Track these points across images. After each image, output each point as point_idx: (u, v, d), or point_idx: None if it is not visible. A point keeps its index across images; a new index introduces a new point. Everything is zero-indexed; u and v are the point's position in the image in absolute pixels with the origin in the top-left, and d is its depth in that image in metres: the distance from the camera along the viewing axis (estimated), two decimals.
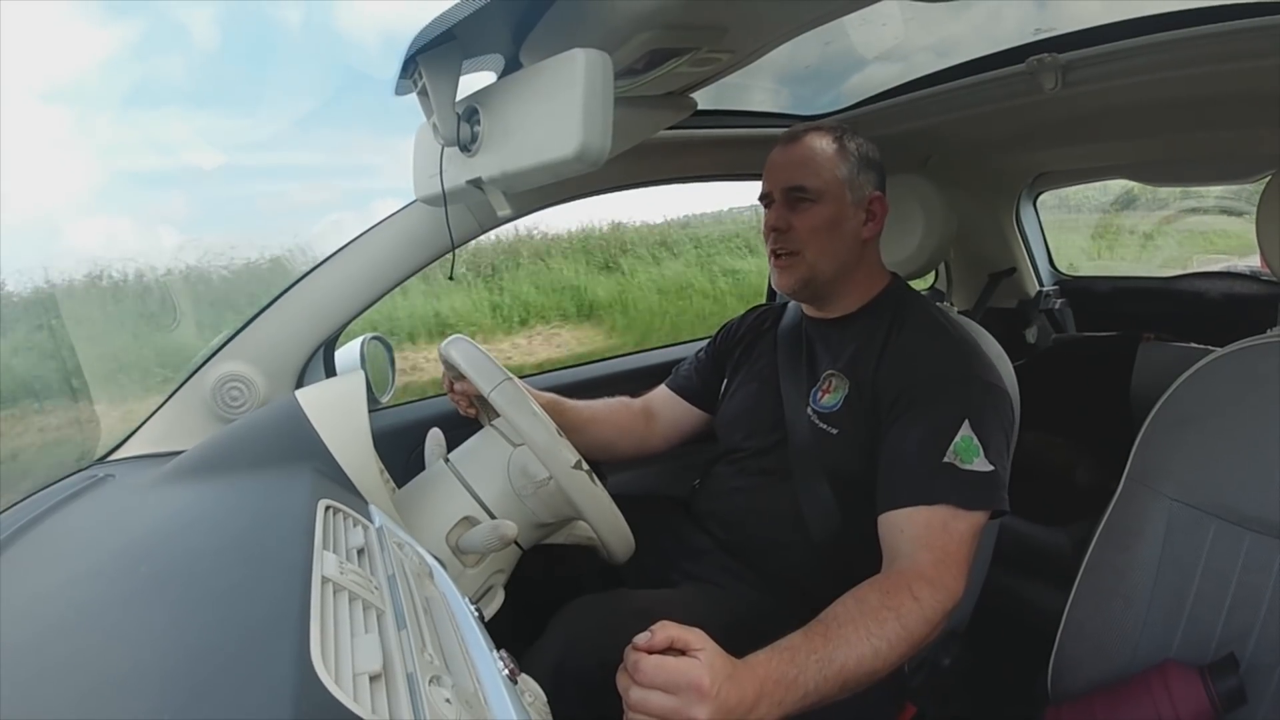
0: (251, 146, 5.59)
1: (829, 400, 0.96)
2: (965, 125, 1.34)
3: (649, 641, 0.63)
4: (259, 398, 1.01)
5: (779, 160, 0.99)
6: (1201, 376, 0.84)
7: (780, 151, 1.00)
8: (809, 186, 0.96)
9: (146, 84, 4.69)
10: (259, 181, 5.82)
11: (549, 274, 5.81)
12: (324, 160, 6.77)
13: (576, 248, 6.09)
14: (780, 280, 1.00)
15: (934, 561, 0.77)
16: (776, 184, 0.98)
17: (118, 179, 3.54)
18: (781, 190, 0.98)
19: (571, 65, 0.60)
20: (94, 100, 3.60)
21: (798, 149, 0.98)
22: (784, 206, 0.98)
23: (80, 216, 3.13)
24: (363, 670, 0.36)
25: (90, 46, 3.61)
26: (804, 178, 0.96)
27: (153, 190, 4.35)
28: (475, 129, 0.74)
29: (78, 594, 0.46)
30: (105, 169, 3.31)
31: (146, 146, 3.81)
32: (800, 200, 0.96)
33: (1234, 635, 0.76)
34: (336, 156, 6.83)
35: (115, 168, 3.50)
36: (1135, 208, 3.18)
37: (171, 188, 4.25)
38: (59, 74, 2.88)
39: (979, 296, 1.89)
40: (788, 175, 0.97)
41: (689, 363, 1.22)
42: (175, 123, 4.20)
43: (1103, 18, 1.02)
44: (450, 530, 0.81)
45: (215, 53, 5.24)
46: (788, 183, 0.97)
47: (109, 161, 3.41)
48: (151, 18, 5.33)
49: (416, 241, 1.08)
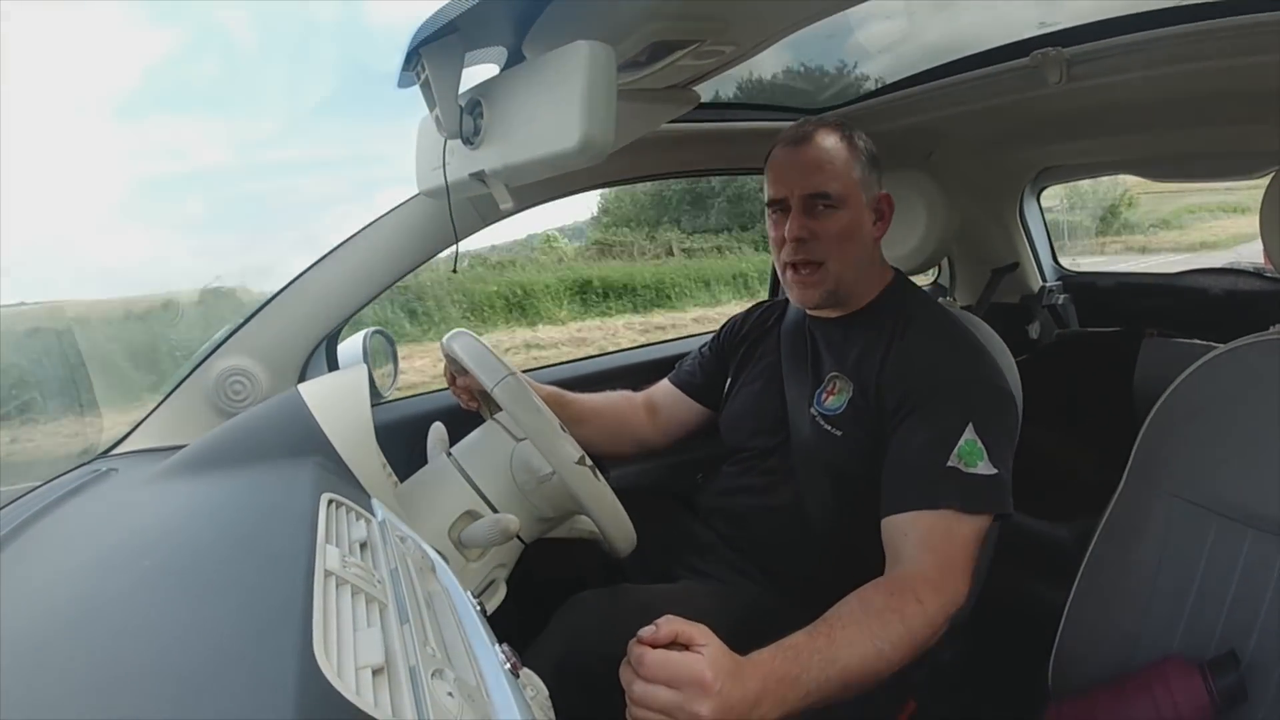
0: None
1: (833, 402, 0.95)
2: (969, 120, 1.33)
3: (653, 635, 0.63)
4: (262, 392, 1.01)
5: (791, 163, 0.95)
6: (1204, 373, 0.83)
7: (790, 153, 0.95)
8: (832, 193, 0.91)
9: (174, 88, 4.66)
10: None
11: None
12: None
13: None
14: (803, 295, 0.96)
15: (938, 565, 0.77)
16: (793, 190, 0.94)
17: (137, 185, 3.50)
18: (801, 197, 0.93)
19: (575, 58, 0.60)
20: (109, 107, 3.54)
21: (810, 151, 0.93)
22: (803, 214, 0.93)
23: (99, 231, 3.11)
24: (365, 664, 0.36)
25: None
26: (824, 183, 0.92)
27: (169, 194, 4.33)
28: (478, 121, 0.73)
29: (80, 588, 0.46)
30: (125, 176, 3.27)
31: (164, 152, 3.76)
32: (823, 207, 0.92)
33: (1235, 632, 0.76)
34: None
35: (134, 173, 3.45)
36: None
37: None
38: (78, 80, 2.84)
39: (982, 292, 1.88)
40: (806, 181, 0.93)
41: (692, 358, 1.21)
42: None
43: (1108, 12, 1.02)
44: (453, 524, 0.81)
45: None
46: (808, 189, 0.92)
47: (128, 168, 3.36)
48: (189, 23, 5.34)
49: (419, 235, 1.08)
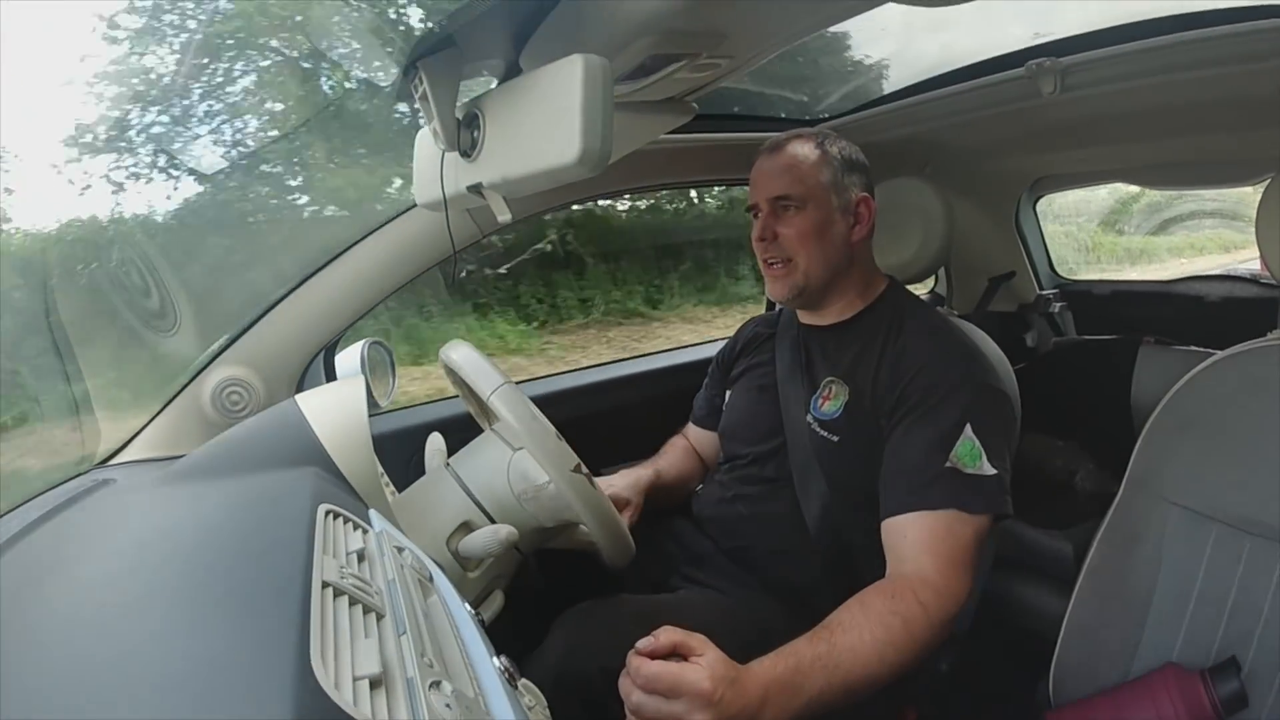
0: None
1: (830, 408, 0.96)
2: (964, 130, 1.34)
3: (651, 645, 0.63)
4: (259, 402, 1.01)
5: (762, 170, 1.00)
6: (1202, 380, 0.83)
7: (763, 161, 1.01)
8: (792, 194, 0.96)
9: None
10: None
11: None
12: None
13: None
14: (774, 289, 1.01)
15: (939, 567, 0.77)
16: (761, 195, 0.99)
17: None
18: (767, 200, 0.98)
19: (572, 71, 0.60)
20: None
21: (780, 158, 0.98)
22: (770, 216, 0.98)
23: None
24: (362, 675, 0.36)
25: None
26: (787, 186, 0.97)
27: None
28: (476, 134, 0.74)
29: (76, 598, 0.46)
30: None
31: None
32: (785, 208, 0.97)
33: (1235, 639, 0.76)
34: None
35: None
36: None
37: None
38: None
39: (979, 300, 1.88)
40: (771, 185, 0.98)
41: (701, 394, 1.24)
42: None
43: (1101, 22, 1.03)
44: (450, 535, 0.81)
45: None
46: (772, 192, 0.98)
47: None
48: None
49: (416, 246, 1.08)
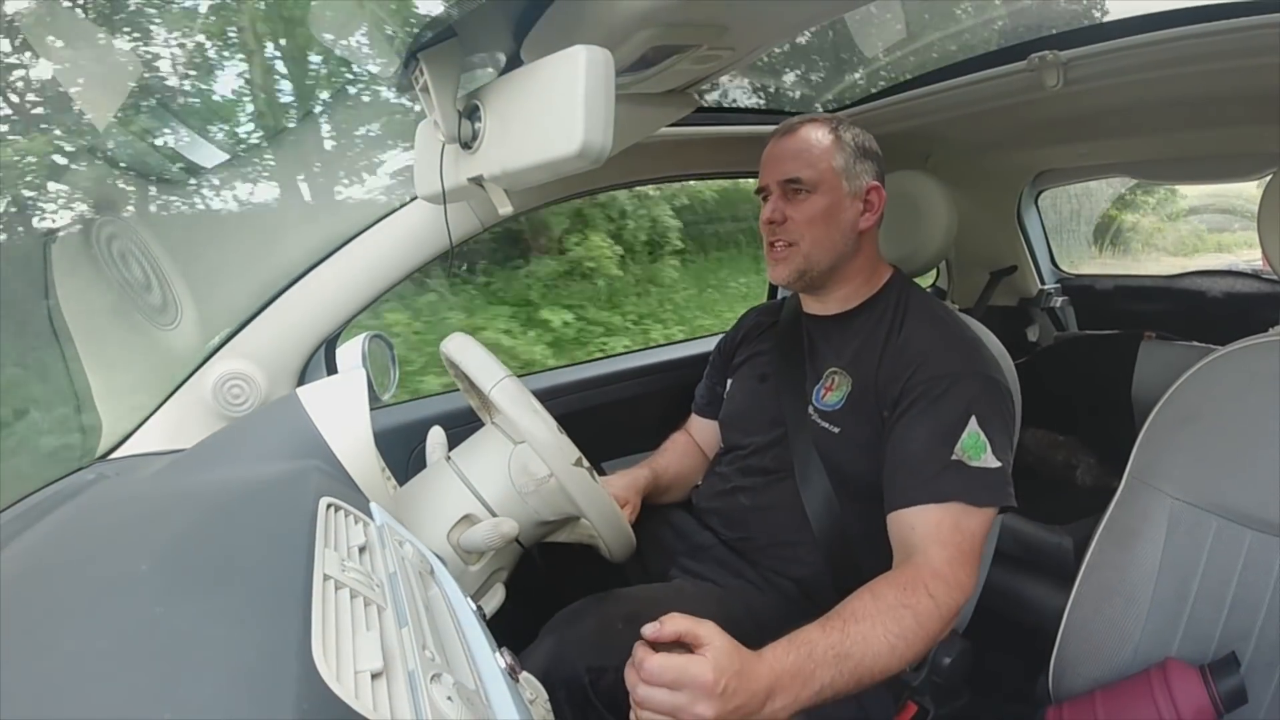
0: None
1: (832, 398, 0.95)
2: (966, 123, 1.33)
3: (657, 632, 0.63)
4: (260, 395, 1.01)
5: (774, 153, 0.99)
6: (1203, 375, 0.83)
7: (776, 144, 1.00)
8: (804, 178, 0.96)
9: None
10: None
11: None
12: None
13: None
14: (776, 271, 1.00)
15: (948, 559, 0.77)
16: (772, 177, 0.98)
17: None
18: (777, 183, 0.98)
19: (573, 62, 0.60)
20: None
21: (793, 141, 0.98)
22: (780, 199, 0.98)
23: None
24: (364, 668, 0.36)
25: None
26: (798, 169, 0.96)
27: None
28: (476, 126, 0.73)
29: (76, 591, 0.46)
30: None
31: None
32: (796, 192, 0.96)
33: (1235, 634, 0.76)
34: None
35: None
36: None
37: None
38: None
39: (980, 294, 1.88)
40: (783, 167, 0.97)
41: (703, 383, 1.23)
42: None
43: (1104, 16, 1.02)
44: (451, 528, 0.81)
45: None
46: (783, 175, 0.97)
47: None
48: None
49: (418, 238, 1.08)
